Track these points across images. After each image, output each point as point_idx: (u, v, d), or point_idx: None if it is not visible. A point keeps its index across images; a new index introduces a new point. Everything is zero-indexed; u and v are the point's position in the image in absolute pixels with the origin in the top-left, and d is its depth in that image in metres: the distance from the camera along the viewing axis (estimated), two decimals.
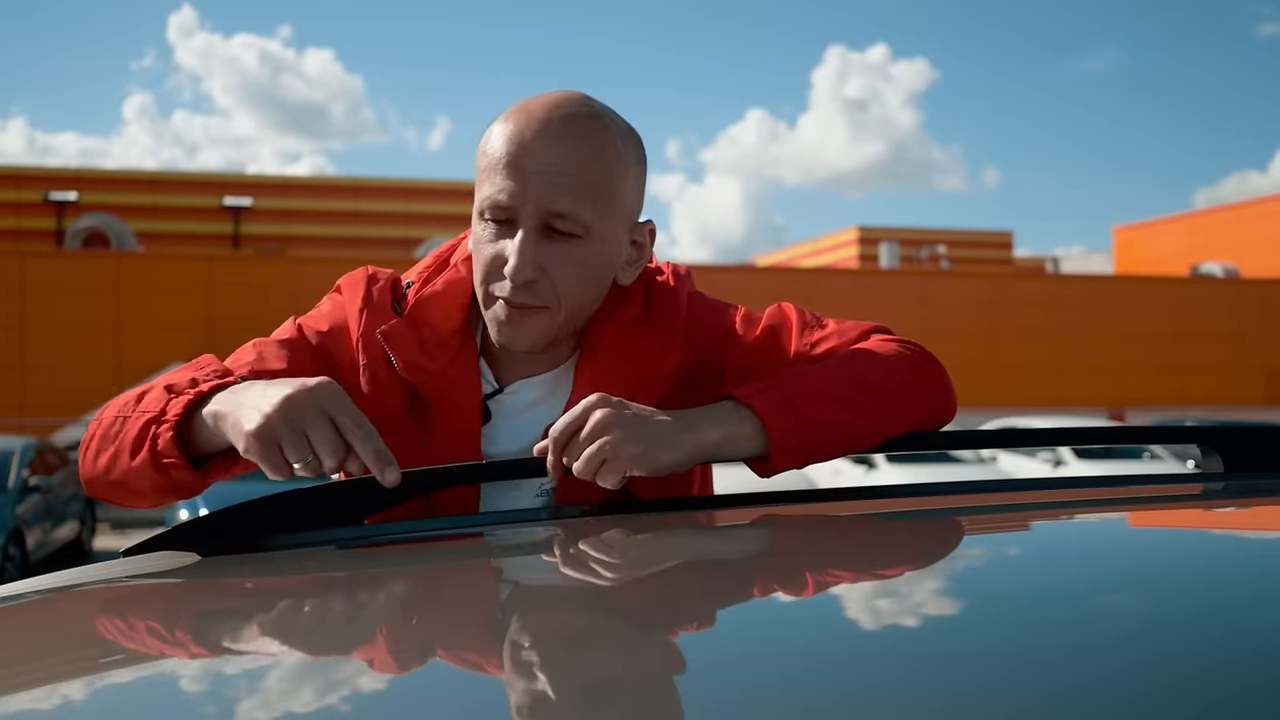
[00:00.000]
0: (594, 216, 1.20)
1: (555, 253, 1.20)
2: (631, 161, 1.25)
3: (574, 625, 0.72)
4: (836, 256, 40.83)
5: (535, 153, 1.18)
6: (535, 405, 1.30)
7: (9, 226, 29.73)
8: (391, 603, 0.84)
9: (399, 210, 31.66)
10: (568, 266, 1.20)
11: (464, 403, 1.27)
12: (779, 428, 1.15)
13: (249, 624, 0.78)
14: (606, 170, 1.21)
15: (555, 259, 1.20)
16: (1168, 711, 0.52)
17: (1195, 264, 32.11)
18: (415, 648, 0.69)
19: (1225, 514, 1.16)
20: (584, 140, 1.19)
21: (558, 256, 1.20)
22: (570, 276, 1.21)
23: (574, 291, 1.22)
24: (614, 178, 1.22)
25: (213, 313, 21.08)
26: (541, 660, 0.63)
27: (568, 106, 1.21)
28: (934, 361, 1.28)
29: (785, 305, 1.36)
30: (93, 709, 0.60)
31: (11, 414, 19.48)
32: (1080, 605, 0.72)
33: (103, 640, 0.77)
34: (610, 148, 1.21)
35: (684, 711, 0.53)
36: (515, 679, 0.60)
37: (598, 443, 1.10)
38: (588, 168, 1.19)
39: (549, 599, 0.81)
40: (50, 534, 10.99)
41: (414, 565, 0.99)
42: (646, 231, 1.30)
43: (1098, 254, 46.30)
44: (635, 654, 0.65)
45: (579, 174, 1.18)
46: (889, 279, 26.46)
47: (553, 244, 1.20)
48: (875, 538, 1.05)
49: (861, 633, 0.69)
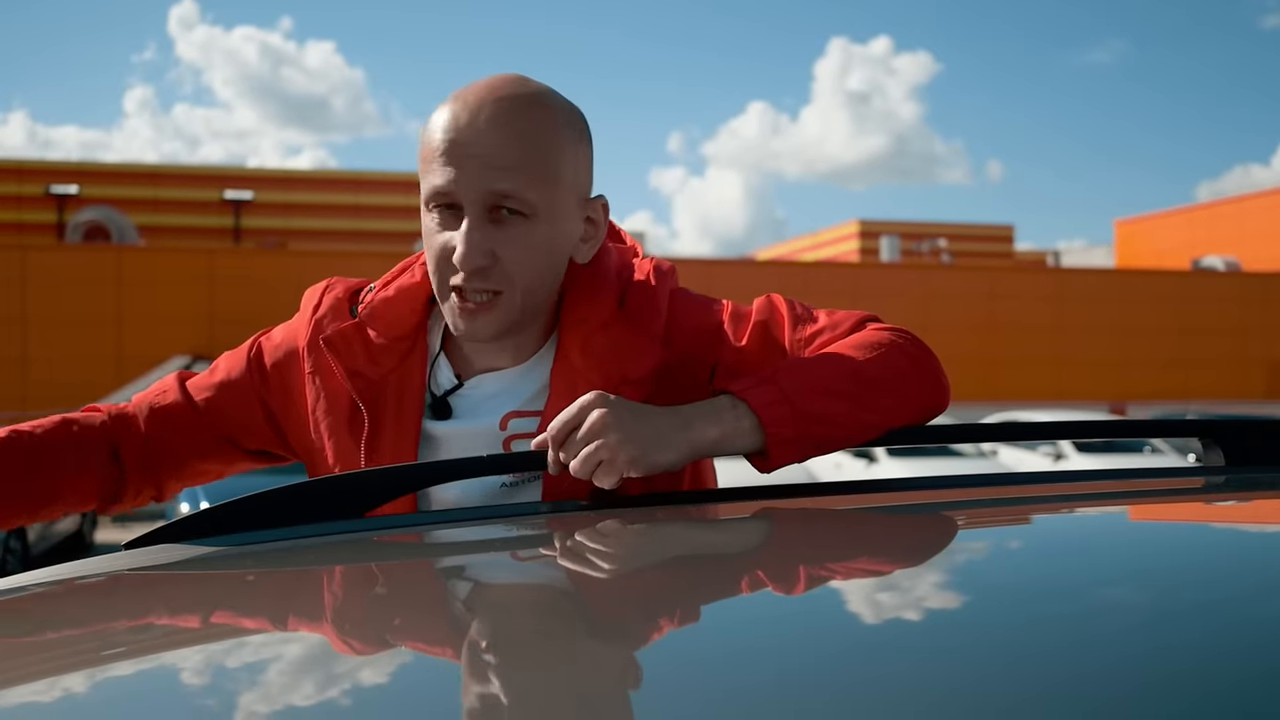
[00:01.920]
0: (538, 195, 1.19)
1: (504, 236, 1.19)
2: (572, 137, 1.24)
3: (568, 620, 0.72)
4: (837, 250, 40.81)
5: (472, 136, 1.17)
6: (496, 396, 1.30)
7: (10, 220, 29.71)
8: (390, 596, 0.84)
9: (400, 204, 31.62)
10: (518, 248, 1.20)
11: (407, 404, 1.28)
12: (776, 422, 1.14)
13: (250, 617, 0.78)
14: (545, 146, 1.20)
15: (504, 242, 1.19)
16: (1169, 704, 0.52)
17: (1197, 257, 32.06)
18: (415, 641, 0.69)
19: (1227, 508, 1.16)
20: (520, 119, 1.18)
21: (507, 239, 1.19)
22: (522, 258, 1.20)
23: (528, 273, 1.21)
24: (554, 153, 1.21)
25: (213, 306, 21.07)
26: (540, 655, 0.63)
27: (502, 88, 1.20)
28: (926, 350, 1.27)
29: (774, 297, 1.35)
30: (95, 701, 0.60)
31: (13, 407, 19.47)
32: (1082, 599, 0.72)
33: (105, 633, 0.77)
34: (547, 123, 1.20)
35: (680, 705, 0.53)
36: (515, 673, 0.60)
37: (595, 444, 1.09)
38: (526, 146, 1.18)
39: (541, 594, 0.81)
40: (51, 527, 10.99)
41: (414, 559, 0.99)
42: (599, 207, 1.29)
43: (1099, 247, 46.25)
44: (630, 648, 0.65)
45: (518, 154, 1.17)
46: (890, 272, 26.45)
47: (501, 228, 1.19)
48: (875, 531, 1.05)
49: (861, 626, 0.69)
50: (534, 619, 0.72)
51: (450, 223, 1.20)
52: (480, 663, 0.61)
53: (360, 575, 0.91)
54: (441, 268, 1.21)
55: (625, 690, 0.56)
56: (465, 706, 0.55)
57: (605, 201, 1.30)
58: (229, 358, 1.38)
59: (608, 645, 0.65)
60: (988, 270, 27.32)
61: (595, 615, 0.73)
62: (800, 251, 44.00)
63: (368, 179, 33.68)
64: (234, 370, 1.36)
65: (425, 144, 1.21)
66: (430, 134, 1.20)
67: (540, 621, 0.71)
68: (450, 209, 1.20)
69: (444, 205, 1.20)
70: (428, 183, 1.20)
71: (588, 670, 0.59)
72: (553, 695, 0.55)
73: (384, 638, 0.70)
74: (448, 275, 1.21)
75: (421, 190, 1.23)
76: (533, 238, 1.20)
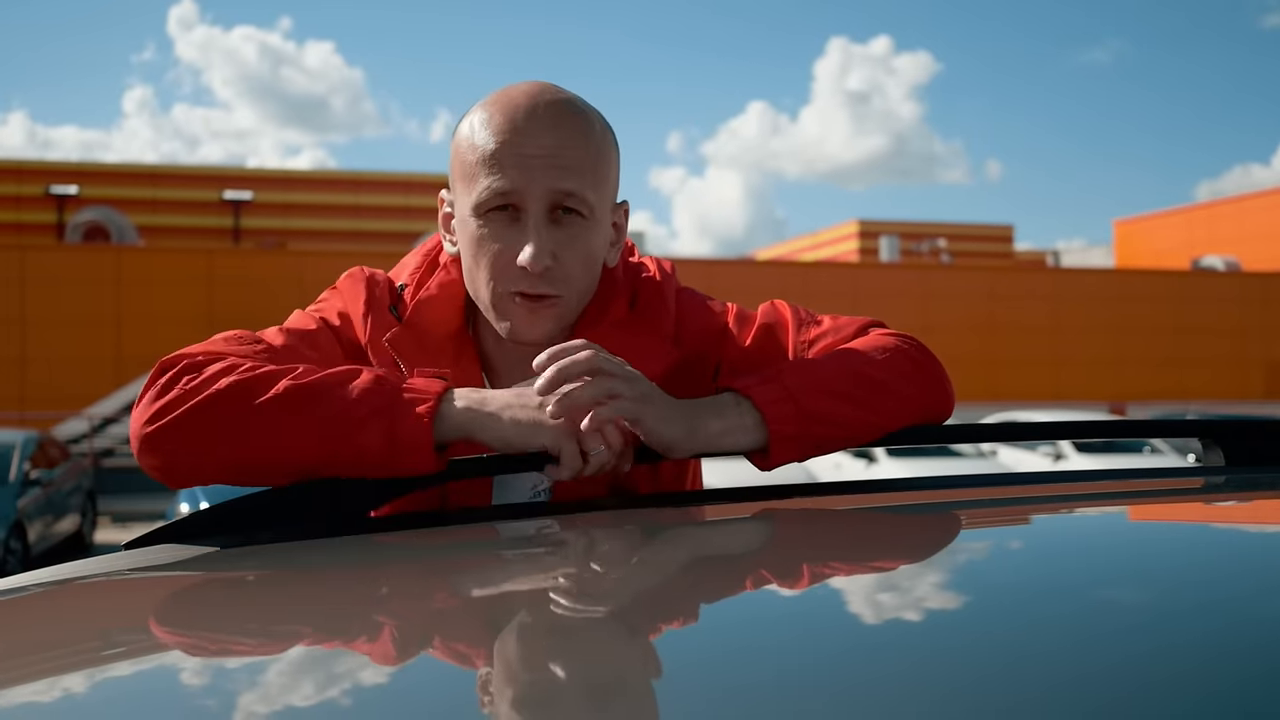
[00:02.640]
0: (595, 196, 1.21)
1: (564, 237, 1.19)
2: (611, 145, 1.26)
3: (575, 619, 0.72)
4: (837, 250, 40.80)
5: (532, 137, 1.17)
6: None
7: (10, 220, 29.70)
8: (392, 596, 0.84)
9: (399, 204, 31.63)
10: (575, 250, 1.20)
11: None
12: (779, 420, 1.14)
13: (250, 617, 0.78)
14: (596, 150, 1.21)
15: (564, 243, 1.19)
16: (1170, 704, 0.52)
17: (1196, 257, 32.07)
18: (417, 640, 0.69)
19: (1227, 508, 1.16)
20: (574, 122, 1.20)
21: (566, 240, 1.19)
22: (577, 260, 1.21)
23: (580, 276, 1.22)
24: (603, 158, 1.23)
25: (213, 306, 21.06)
26: (543, 654, 0.63)
27: (548, 93, 1.21)
28: (931, 356, 1.28)
29: (779, 302, 1.35)
30: (95, 702, 0.60)
31: (12, 407, 19.47)
32: (1082, 600, 0.72)
33: (105, 633, 0.77)
34: (595, 128, 1.22)
35: (683, 705, 0.53)
36: (517, 672, 0.60)
37: (607, 382, 1.09)
38: (583, 148, 1.19)
39: (550, 592, 0.81)
40: (51, 527, 10.99)
41: (416, 559, 0.99)
42: (623, 212, 1.31)
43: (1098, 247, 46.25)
44: (635, 647, 0.65)
45: (578, 154, 1.19)
46: (889, 272, 26.45)
47: (561, 228, 1.19)
48: (876, 532, 1.05)
49: (862, 626, 0.69)
50: (537, 618, 0.72)
51: (506, 226, 1.19)
52: (482, 663, 0.61)
53: (361, 575, 0.91)
54: (501, 273, 1.20)
55: (628, 689, 0.56)
56: (467, 706, 0.55)
57: (628, 207, 1.32)
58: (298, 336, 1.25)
59: (611, 644, 0.65)
60: (987, 270, 27.32)
61: (598, 615, 0.73)
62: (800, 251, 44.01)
63: (367, 179, 33.67)
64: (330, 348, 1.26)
65: (472, 149, 1.19)
66: (480, 139, 1.19)
67: (543, 621, 0.71)
68: (505, 211, 1.19)
69: (498, 208, 1.19)
70: (484, 187, 1.18)
71: (590, 669, 0.59)
72: (556, 694, 0.55)
73: (385, 638, 0.70)
74: (508, 280, 1.20)
75: (465, 197, 1.21)
76: (589, 239, 1.22)
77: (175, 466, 1.11)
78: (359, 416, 1.07)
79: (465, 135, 1.21)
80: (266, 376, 1.10)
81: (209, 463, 1.10)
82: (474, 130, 1.20)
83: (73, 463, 12.54)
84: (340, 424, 1.07)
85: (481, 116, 1.20)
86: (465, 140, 1.21)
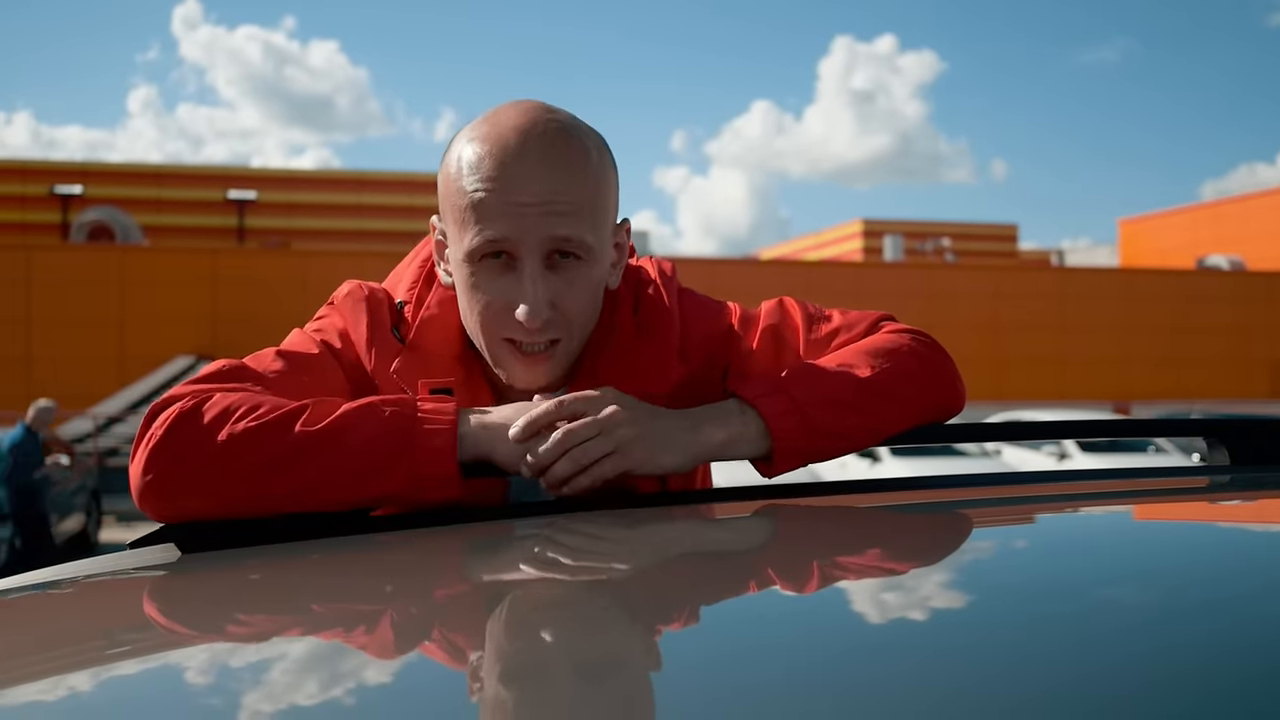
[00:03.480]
0: (594, 236, 1.16)
1: (561, 281, 1.15)
2: (609, 168, 1.20)
3: (576, 618, 0.72)
4: (841, 249, 40.80)
5: (524, 183, 1.11)
6: None
7: (14, 220, 29.76)
8: (397, 595, 0.84)
9: (402, 204, 31.66)
10: (575, 292, 1.16)
11: None
12: (785, 434, 1.13)
13: (254, 616, 0.78)
14: (593, 185, 1.16)
15: (561, 288, 1.15)
16: (1176, 703, 0.52)
17: (1201, 256, 32.03)
18: (423, 640, 0.69)
19: (1232, 507, 1.16)
20: (568, 159, 1.13)
21: (563, 285, 1.15)
22: (578, 302, 1.17)
23: (583, 314, 1.18)
24: (601, 191, 1.17)
25: (217, 306, 21.10)
26: (548, 652, 0.63)
27: (539, 124, 1.14)
28: (942, 352, 1.27)
29: (787, 300, 1.34)
30: (99, 700, 0.60)
31: (17, 407, 19.49)
32: (1087, 599, 0.72)
33: (109, 631, 0.77)
34: (590, 160, 1.16)
35: (690, 703, 0.53)
36: (522, 671, 0.60)
37: (600, 438, 1.08)
38: (578, 188, 1.14)
39: (549, 592, 0.81)
40: (56, 526, 11.01)
41: (420, 558, 0.99)
42: (624, 231, 1.26)
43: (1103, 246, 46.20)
44: (638, 647, 0.65)
45: (574, 196, 1.13)
46: (893, 272, 26.44)
47: (557, 273, 1.15)
48: (880, 531, 1.05)
49: (867, 626, 0.69)
50: (542, 618, 0.72)
51: (497, 273, 1.15)
52: (486, 662, 0.61)
53: (365, 575, 0.91)
54: (494, 321, 1.16)
55: (635, 687, 0.56)
56: (471, 706, 0.55)
57: (629, 225, 1.27)
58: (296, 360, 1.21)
59: (616, 644, 0.65)
60: (991, 270, 27.32)
61: (603, 614, 0.73)
62: (804, 251, 44.00)
63: (371, 179, 33.72)
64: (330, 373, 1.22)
65: (460, 194, 1.14)
66: (466, 184, 1.13)
67: (548, 620, 0.71)
68: (498, 259, 1.14)
69: (490, 255, 1.14)
70: (475, 234, 1.13)
71: (596, 669, 0.59)
72: (562, 692, 0.55)
73: (388, 638, 0.70)
74: (501, 329, 1.16)
75: (459, 242, 1.15)
76: (588, 280, 1.17)
77: (180, 516, 1.06)
78: (378, 462, 1.04)
79: (453, 174, 1.15)
80: (275, 424, 1.04)
81: (218, 513, 1.06)
82: (462, 171, 1.14)
83: (77, 462, 12.56)
84: (361, 473, 1.04)
85: (470, 156, 1.14)
86: (454, 180, 1.15)
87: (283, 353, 1.21)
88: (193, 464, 1.04)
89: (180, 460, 1.04)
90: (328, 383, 1.20)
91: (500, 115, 1.16)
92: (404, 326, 1.25)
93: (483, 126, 1.16)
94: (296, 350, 1.22)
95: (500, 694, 0.55)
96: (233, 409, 1.05)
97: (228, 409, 1.05)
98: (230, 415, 1.05)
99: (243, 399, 1.07)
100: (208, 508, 1.05)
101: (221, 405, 1.06)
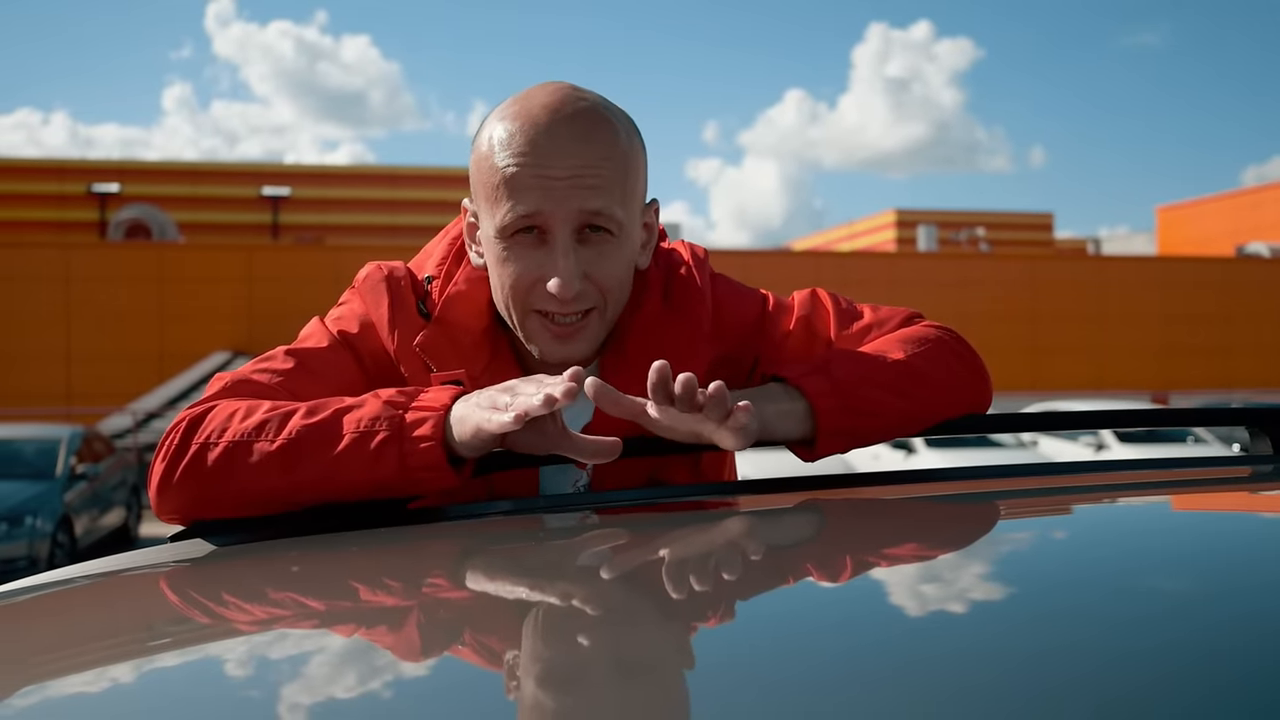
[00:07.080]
0: (624, 211, 1.17)
1: (593, 255, 1.16)
2: (638, 146, 1.21)
3: (613, 615, 0.72)
4: (874, 240, 40.58)
5: (555, 157, 1.13)
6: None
7: (53, 219, 30.17)
8: (435, 587, 0.84)
9: (436, 198, 31.78)
10: (607, 265, 1.17)
11: None
12: (828, 413, 1.13)
13: (294, 607, 0.79)
14: (623, 161, 1.17)
15: (594, 261, 1.16)
16: (1214, 694, 0.51)
17: (1241, 244, 31.57)
18: (451, 633, 0.70)
19: (1275, 497, 1.14)
20: (598, 134, 1.15)
21: (596, 258, 1.16)
22: (611, 275, 1.17)
23: (616, 287, 1.19)
24: (631, 167, 1.18)
25: (252, 302, 21.29)
26: (582, 645, 0.63)
27: (569, 103, 1.16)
28: (970, 349, 1.27)
29: (819, 292, 1.34)
30: (142, 690, 0.61)
31: (58, 403, 19.80)
32: (1126, 591, 0.71)
33: (150, 623, 0.78)
34: (620, 137, 1.17)
35: (725, 696, 0.53)
36: (555, 663, 0.60)
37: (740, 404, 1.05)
38: (609, 163, 1.15)
39: (591, 583, 0.81)
40: (98, 521, 11.17)
41: (459, 550, 0.99)
42: (653, 211, 1.27)
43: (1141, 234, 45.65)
44: (678, 639, 0.65)
45: (606, 171, 1.14)
46: (926, 262, 26.26)
47: (589, 247, 1.16)
48: (916, 522, 1.05)
49: (904, 617, 0.68)
50: (579, 609, 0.72)
51: (532, 247, 1.16)
52: (523, 655, 0.61)
53: (404, 568, 0.92)
54: (525, 295, 1.17)
55: (670, 681, 0.56)
56: (508, 700, 0.55)
57: (658, 205, 1.28)
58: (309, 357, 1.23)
59: (653, 636, 0.65)
60: (1026, 259, 27.06)
61: (640, 606, 0.73)
62: (836, 241, 43.81)
63: (405, 174, 33.89)
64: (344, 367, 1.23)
65: (492, 171, 1.15)
66: (497, 160, 1.15)
67: (586, 611, 0.71)
68: (530, 234, 1.15)
69: (522, 230, 1.15)
70: (507, 209, 1.14)
71: (631, 661, 0.59)
72: (596, 685, 0.55)
73: (423, 630, 0.70)
74: (533, 301, 1.17)
75: (491, 219, 1.16)
76: (620, 254, 1.18)
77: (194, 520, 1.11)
78: (369, 450, 1.04)
79: (485, 152, 1.17)
80: (273, 423, 1.08)
81: (228, 514, 1.10)
82: (493, 149, 1.16)
83: (117, 457, 12.73)
84: (353, 462, 1.05)
85: (501, 134, 1.15)
86: (485, 158, 1.17)
87: (293, 351, 1.23)
88: (196, 471, 1.08)
89: (184, 470, 1.08)
90: (338, 377, 1.21)
91: (530, 95, 1.18)
92: (430, 302, 1.26)
93: (513, 106, 1.17)
94: (308, 347, 1.24)
95: (534, 686, 0.55)
96: (233, 415, 1.09)
97: (230, 415, 1.10)
98: (230, 420, 1.09)
99: (242, 404, 1.11)
100: (217, 510, 1.10)
101: (225, 413, 1.10)
